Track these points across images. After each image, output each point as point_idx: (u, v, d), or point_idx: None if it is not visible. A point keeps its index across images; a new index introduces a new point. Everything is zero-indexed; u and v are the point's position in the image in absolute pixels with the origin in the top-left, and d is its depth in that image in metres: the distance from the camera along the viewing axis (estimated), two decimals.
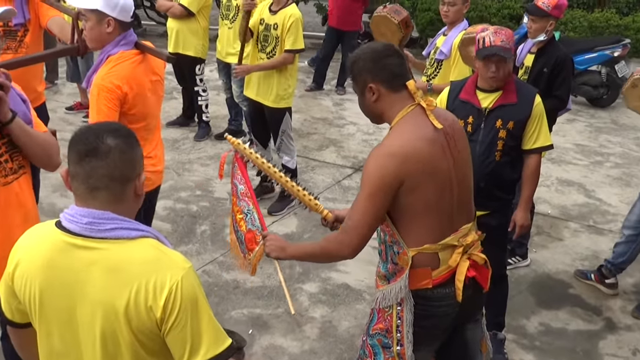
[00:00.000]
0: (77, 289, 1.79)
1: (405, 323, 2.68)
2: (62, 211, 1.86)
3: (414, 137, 2.53)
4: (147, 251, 1.80)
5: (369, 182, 2.52)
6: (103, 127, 1.87)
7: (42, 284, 1.81)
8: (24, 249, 1.88)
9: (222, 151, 6.89)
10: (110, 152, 1.78)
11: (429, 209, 2.56)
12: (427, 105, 2.60)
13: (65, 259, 1.79)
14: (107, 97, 3.19)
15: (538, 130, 3.64)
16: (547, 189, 6.24)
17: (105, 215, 1.79)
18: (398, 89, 2.62)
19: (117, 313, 1.75)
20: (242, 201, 3.04)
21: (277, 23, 5.33)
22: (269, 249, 2.81)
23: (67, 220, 1.81)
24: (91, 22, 3.23)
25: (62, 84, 8.73)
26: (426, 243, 2.59)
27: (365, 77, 2.63)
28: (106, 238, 1.78)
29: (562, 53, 4.57)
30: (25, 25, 4.26)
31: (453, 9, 4.84)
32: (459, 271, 2.63)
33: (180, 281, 1.76)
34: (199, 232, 5.28)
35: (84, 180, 1.80)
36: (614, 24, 9.81)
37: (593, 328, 4.36)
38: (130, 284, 1.74)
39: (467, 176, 2.73)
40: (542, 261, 5.12)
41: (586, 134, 8.10)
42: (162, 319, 1.76)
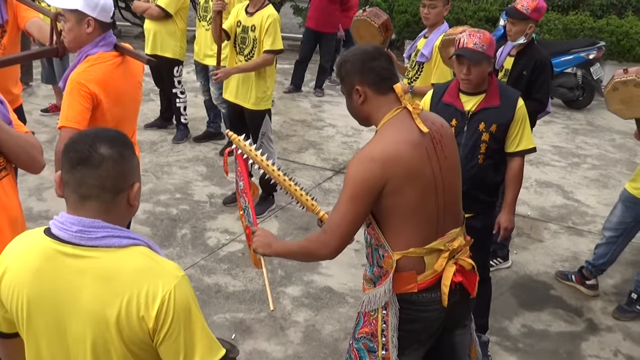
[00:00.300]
0: (66, 298, 1.74)
1: (390, 327, 2.66)
2: (39, 215, 1.82)
3: (396, 141, 2.52)
4: (139, 259, 1.76)
5: (350, 185, 2.52)
6: (99, 134, 1.82)
7: (30, 293, 1.77)
8: (11, 256, 1.83)
9: (200, 154, 6.87)
10: (102, 162, 1.74)
11: (412, 213, 2.55)
12: (413, 108, 2.59)
13: (54, 267, 1.75)
14: (80, 94, 3.15)
15: (521, 133, 3.64)
16: (526, 190, 6.27)
17: (95, 224, 1.75)
18: (385, 92, 2.61)
19: (108, 323, 1.71)
20: (241, 197, 3.05)
21: (254, 24, 5.28)
22: (255, 245, 2.79)
23: (56, 228, 1.77)
24: (70, 23, 3.19)
25: (37, 86, 8.61)
26: (411, 247, 2.57)
27: (352, 79, 2.62)
28: (96, 246, 1.74)
29: (542, 56, 4.59)
30: (3, 26, 4.19)
31: (434, 11, 4.83)
32: (445, 276, 2.61)
33: (173, 290, 1.72)
34: (179, 236, 5.22)
35: (74, 188, 1.76)
36: (588, 26, 9.89)
37: (575, 329, 4.38)
38: (122, 294, 1.70)
39: (455, 181, 2.71)
40: (523, 263, 5.14)
41: (563, 135, 8.17)
42: (154, 329, 1.72)
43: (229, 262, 4.89)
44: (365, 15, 5.14)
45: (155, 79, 7.35)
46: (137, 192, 1.82)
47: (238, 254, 4.98)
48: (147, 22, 6.84)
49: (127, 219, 1.87)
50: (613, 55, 9.67)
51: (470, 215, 3.56)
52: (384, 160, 2.47)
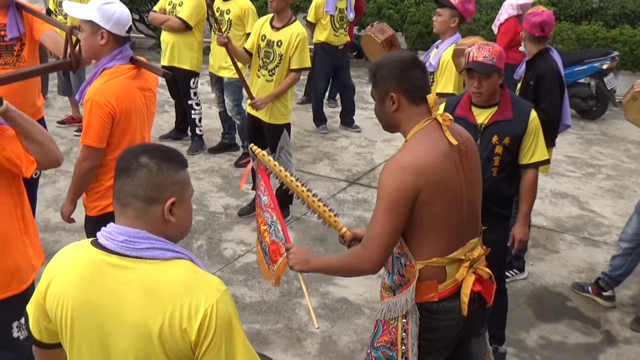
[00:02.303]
0: (110, 309, 1.76)
1: (410, 336, 2.67)
2: (56, 227, 1.84)
3: (426, 151, 2.53)
4: (182, 273, 1.78)
5: (385, 196, 2.51)
6: (145, 147, 1.86)
7: (75, 302, 1.78)
8: (58, 267, 1.85)
9: (215, 165, 6.90)
10: (138, 170, 1.78)
11: (439, 223, 2.56)
12: (443, 120, 2.61)
13: (101, 277, 1.77)
14: (99, 113, 3.22)
15: (534, 145, 3.65)
16: (541, 201, 6.26)
17: (140, 234, 1.77)
18: (418, 102, 2.61)
19: (151, 335, 1.72)
20: (265, 212, 3.02)
21: (281, 40, 5.30)
22: (292, 262, 2.76)
23: (104, 238, 1.80)
24: (85, 33, 3.25)
25: (53, 98, 8.69)
26: (434, 256, 2.59)
27: (387, 85, 2.61)
28: (141, 257, 1.76)
29: (545, 66, 4.51)
30: (21, 39, 4.26)
31: (439, 19, 4.94)
32: (465, 285, 2.63)
33: (216, 304, 1.73)
34: (195, 247, 5.24)
35: (117, 196, 1.81)
36: (601, 36, 9.88)
37: (592, 341, 4.36)
38: (165, 306, 1.72)
39: (477, 193, 2.74)
40: (539, 274, 5.13)
41: (577, 145, 8.16)
42: (196, 342, 1.73)
43: (245, 273, 4.91)
44: (371, 31, 5.22)
45: (171, 90, 7.40)
46: (170, 206, 1.81)
47: (254, 265, 5.00)
48: (165, 34, 6.90)
49: (170, 234, 1.83)
50: (627, 65, 9.66)
51: (485, 227, 3.58)
52: (415, 169, 2.48)
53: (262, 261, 3.11)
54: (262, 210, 3.06)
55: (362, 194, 6.38)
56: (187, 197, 1.87)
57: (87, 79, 3.37)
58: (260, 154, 3.00)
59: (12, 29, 4.16)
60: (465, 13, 4.89)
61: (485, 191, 3.56)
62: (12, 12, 4.18)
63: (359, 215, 5.90)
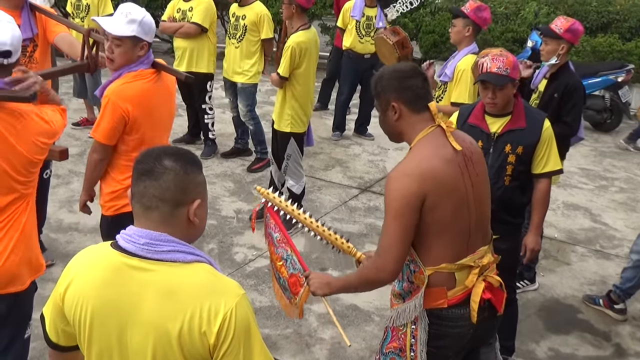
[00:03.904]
0: (130, 310, 1.76)
1: (419, 342, 2.67)
2: (69, 227, 1.85)
3: (430, 157, 2.55)
4: (202, 276, 1.78)
5: (392, 205, 2.53)
6: (167, 149, 1.87)
7: (95, 304, 1.79)
8: (77, 268, 1.86)
9: (228, 169, 6.92)
10: (164, 174, 1.78)
11: (446, 229, 2.57)
12: (447, 127, 2.62)
13: (121, 279, 1.77)
14: (112, 113, 3.30)
15: (547, 155, 3.64)
16: (553, 212, 6.24)
17: (162, 237, 1.77)
18: (420, 110, 2.63)
19: (170, 337, 1.73)
20: (279, 248, 3.02)
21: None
22: (314, 288, 2.78)
23: (124, 240, 1.80)
24: (126, 47, 3.31)
25: (68, 100, 8.73)
26: (443, 262, 2.59)
27: (388, 96, 2.64)
28: (162, 260, 1.76)
29: (574, 80, 4.56)
30: (34, 40, 4.26)
31: (454, 30, 4.98)
32: (475, 292, 2.62)
33: (235, 308, 1.74)
34: (207, 251, 5.25)
35: (138, 199, 1.80)
36: (616, 49, 9.85)
37: (602, 354, 4.34)
38: (185, 309, 1.72)
39: (485, 199, 2.74)
40: (550, 285, 5.11)
41: (591, 158, 8.13)
42: (215, 345, 1.73)
43: (255, 277, 4.92)
44: (383, 33, 5.22)
45: (184, 95, 7.43)
46: (196, 208, 1.82)
47: (264, 270, 5.01)
48: (179, 40, 6.93)
49: (190, 235, 1.86)
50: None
51: (497, 236, 3.57)
52: (419, 176, 2.50)
53: (282, 297, 3.11)
54: (275, 247, 3.06)
55: (373, 201, 6.38)
56: (206, 198, 1.89)
57: (111, 77, 3.41)
58: (264, 193, 3.05)
59: (25, 30, 4.17)
60: (479, 21, 4.90)
61: (497, 200, 3.57)
62: (26, 13, 4.19)
63: (370, 223, 5.90)
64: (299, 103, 5.48)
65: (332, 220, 5.89)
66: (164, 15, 7.06)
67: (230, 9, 6.77)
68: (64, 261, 4.86)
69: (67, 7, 7.50)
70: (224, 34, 7.11)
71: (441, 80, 4.97)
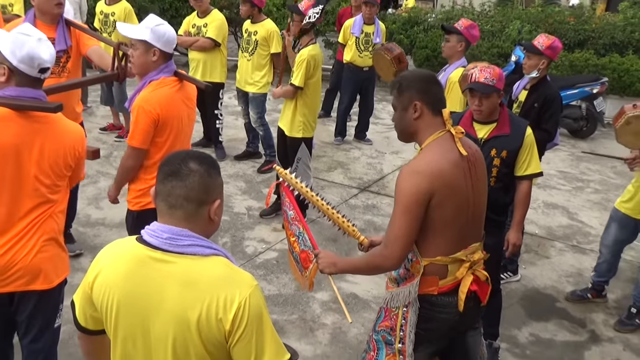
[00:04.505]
0: (153, 298, 1.76)
1: (409, 323, 2.67)
2: (96, 222, 1.84)
3: (439, 158, 2.54)
4: (219, 268, 1.78)
5: (402, 200, 2.52)
6: (191, 153, 1.86)
7: (121, 293, 1.79)
8: (105, 260, 1.85)
9: (240, 170, 6.92)
10: (189, 176, 1.78)
11: (446, 225, 2.56)
12: (456, 132, 2.62)
13: (145, 270, 1.77)
14: (145, 118, 3.29)
15: (529, 159, 3.64)
16: (534, 211, 6.22)
17: (183, 233, 1.77)
18: (436, 114, 2.62)
19: (189, 324, 1.73)
20: (293, 225, 3.02)
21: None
22: (321, 266, 2.77)
23: (148, 235, 1.80)
24: (139, 51, 3.31)
25: (97, 107, 8.76)
26: (439, 255, 2.59)
27: (412, 94, 2.61)
28: (183, 253, 1.76)
29: (552, 92, 4.55)
30: (67, 51, 4.29)
31: (447, 44, 4.96)
32: (463, 284, 2.63)
33: (249, 298, 1.74)
34: (221, 244, 5.25)
35: (164, 198, 1.80)
36: (592, 63, 9.82)
37: (579, 339, 4.33)
38: (203, 298, 1.72)
39: (482, 201, 2.73)
40: (531, 277, 5.10)
41: (568, 162, 8.10)
42: (230, 331, 1.73)
43: (264, 268, 4.91)
44: (381, 49, 5.21)
45: (198, 102, 7.33)
46: (217, 207, 1.83)
47: (273, 262, 5.01)
48: (194, 53, 6.91)
49: (209, 232, 1.86)
50: (615, 90, 9.60)
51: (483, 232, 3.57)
52: (429, 174, 2.49)
53: (296, 269, 3.11)
54: (289, 223, 3.06)
55: (371, 200, 6.37)
56: (223, 198, 1.89)
57: (136, 88, 3.41)
58: (282, 173, 3.02)
59: (60, 42, 4.20)
60: (471, 38, 4.89)
61: None
62: (61, 27, 4.23)
63: (368, 219, 5.89)
64: (310, 110, 5.46)
65: None
66: (180, 30, 7.03)
67: (244, 26, 6.78)
68: (92, 252, 4.88)
69: (95, 23, 7.50)
70: (237, 48, 7.08)
71: None
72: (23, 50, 2.52)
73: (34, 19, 4.18)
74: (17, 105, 2.55)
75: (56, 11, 4.18)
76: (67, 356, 3.53)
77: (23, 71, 2.54)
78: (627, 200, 4.45)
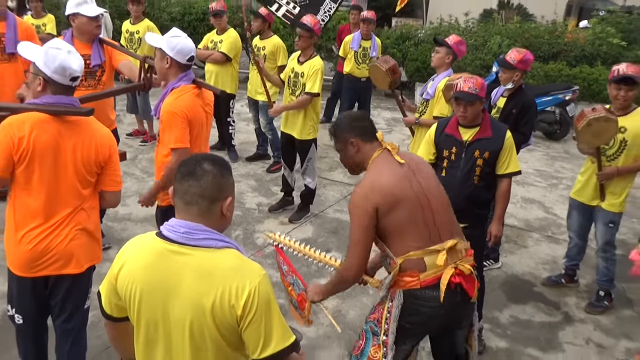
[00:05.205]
0: (171, 288, 1.75)
1: (392, 317, 2.63)
2: (123, 217, 1.82)
3: (378, 175, 2.60)
4: (231, 260, 1.77)
5: (353, 213, 2.60)
6: (205, 156, 1.86)
7: (143, 283, 1.77)
8: (128, 253, 1.84)
9: (251, 170, 6.89)
10: (204, 176, 1.77)
11: (405, 226, 2.56)
12: (392, 148, 2.70)
13: (164, 262, 1.76)
14: (177, 120, 3.25)
15: (509, 159, 3.61)
16: (513, 205, 6.19)
17: (198, 227, 1.76)
18: (370, 140, 2.72)
19: (204, 310, 1.72)
20: (288, 276, 3.05)
21: (303, 72, 5.28)
22: (311, 297, 2.84)
23: (167, 230, 1.79)
24: (157, 57, 3.35)
25: (123, 115, 8.72)
26: (410, 250, 2.56)
27: (345, 135, 2.74)
28: (198, 246, 1.75)
29: (528, 99, 4.49)
30: (102, 66, 4.32)
31: (436, 55, 4.89)
32: (444, 276, 2.55)
33: (258, 286, 1.73)
34: (234, 236, 5.23)
35: (181, 196, 1.79)
36: (565, 73, 9.77)
37: (553, 320, 4.30)
38: (217, 286, 1.71)
39: (439, 198, 2.67)
40: (511, 264, 5.06)
41: (544, 161, 8.06)
42: (241, 316, 1.72)
43: (272, 257, 4.88)
44: (377, 62, 5.16)
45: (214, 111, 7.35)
46: (229, 204, 1.82)
47: None
48: (209, 65, 6.90)
49: (222, 226, 1.85)
50: (585, 97, 9.54)
51: (467, 225, 3.53)
52: (371, 190, 2.55)
53: (295, 312, 3.12)
54: (285, 276, 3.09)
55: None
56: (234, 195, 1.88)
57: (160, 97, 3.39)
58: (273, 236, 3.07)
59: (95, 58, 4.23)
60: (458, 52, 4.84)
61: (468, 196, 3.55)
62: (96, 45, 4.27)
63: None
64: (316, 113, 5.45)
65: (335, 211, 5.86)
66: (200, 44, 7.03)
67: (253, 41, 6.75)
68: (119, 245, 4.86)
69: (121, 40, 7.48)
70: (249, 61, 7.06)
71: (424, 98, 4.92)
72: (55, 62, 2.57)
73: (72, 38, 4.20)
74: (54, 111, 2.61)
75: (96, 32, 4.23)
76: (96, 338, 3.52)
77: (57, 81, 2.60)
78: (580, 190, 4.43)
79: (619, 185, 4.19)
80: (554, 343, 4.02)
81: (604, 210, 4.26)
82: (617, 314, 4.40)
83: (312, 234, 5.35)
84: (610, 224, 4.27)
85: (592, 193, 4.31)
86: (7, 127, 2.53)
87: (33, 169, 2.57)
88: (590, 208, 4.37)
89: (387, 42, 11.31)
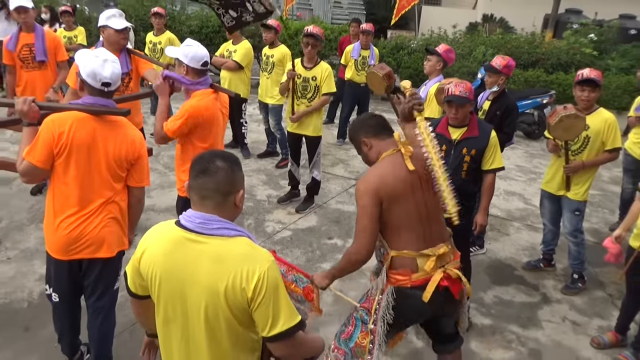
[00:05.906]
0: (188, 272, 1.73)
1: (382, 308, 2.58)
2: (147, 208, 1.79)
3: (385, 173, 2.49)
4: (243, 247, 1.75)
5: (358, 200, 2.49)
6: (216, 153, 1.83)
7: (162, 267, 1.76)
8: (150, 240, 1.83)
9: (262, 166, 6.85)
10: (218, 172, 1.75)
11: (404, 224, 2.49)
12: (405, 151, 2.54)
13: (181, 249, 1.74)
14: (188, 120, 3.24)
15: (493, 156, 3.58)
16: (497, 197, 6.14)
17: (212, 218, 1.74)
18: (384, 137, 2.59)
19: (218, 293, 1.70)
20: (289, 276, 2.89)
21: (315, 76, 5.24)
22: (318, 283, 2.68)
23: (184, 220, 1.77)
24: (176, 66, 3.35)
25: (147, 117, 8.69)
26: (406, 249, 2.51)
27: (359, 136, 2.64)
28: (213, 235, 1.73)
29: (511, 102, 4.45)
30: (129, 74, 4.31)
31: (428, 63, 4.86)
32: (433, 279, 2.50)
33: (267, 271, 1.71)
34: (246, 225, 5.21)
35: (197, 191, 1.77)
36: (542, 79, 9.75)
37: (533, 300, 4.26)
38: (230, 271, 1.69)
39: (436, 210, 2.59)
40: (494, 250, 5.03)
41: (524, 158, 8.01)
42: (252, 298, 1.70)
43: (281, 244, 4.87)
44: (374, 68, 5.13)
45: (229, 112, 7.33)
46: (241, 197, 1.80)
47: (287, 239, 4.96)
48: (224, 72, 6.84)
49: (234, 216, 1.83)
50: (561, 101, 9.48)
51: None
52: (375, 183, 2.45)
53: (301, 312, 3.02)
54: (285, 277, 2.91)
55: None
56: (244, 188, 1.85)
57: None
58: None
59: (123, 66, 4.21)
60: (448, 59, 4.80)
61: (456, 189, 3.46)
62: (124, 54, 4.25)
63: None
64: (321, 114, 5.44)
65: (337, 202, 5.83)
66: (217, 52, 6.99)
67: (263, 50, 6.72)
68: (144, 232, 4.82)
69: (145, 50, 7.45)
70: (259, 68, 7.02)
71: None
72: (88, 67, 2.60)
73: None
74: (93, 110, 2.63)
75: (122, 43, 4.21)
76: (123, 316, 3.50)
77: (89, 84, 2.62)
78: (548, 182, 4.41)
79: (582, 177, 4.17)
80: (533, 320, 3.99)
81: (569, 200, 4.23)
82: (590, 295, 4.36)
83: (316, 223, 5.32)
84: (577, 211, 4.23)
85: (559, 184, 4.29)
86: (49, 124, 2.56)
87: (70, 161, 2.59)
88: (558, 197, 4.34)
89: (384, 51, 11.26)
